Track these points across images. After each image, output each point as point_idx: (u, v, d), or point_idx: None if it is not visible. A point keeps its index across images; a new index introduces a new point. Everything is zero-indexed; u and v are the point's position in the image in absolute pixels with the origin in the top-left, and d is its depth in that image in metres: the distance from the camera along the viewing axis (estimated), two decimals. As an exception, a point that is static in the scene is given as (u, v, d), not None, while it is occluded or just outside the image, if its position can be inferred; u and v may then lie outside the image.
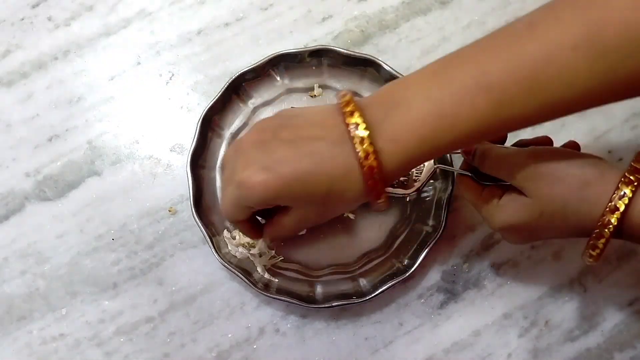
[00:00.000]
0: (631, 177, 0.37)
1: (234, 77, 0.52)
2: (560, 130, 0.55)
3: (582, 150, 0.55)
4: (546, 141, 0.46)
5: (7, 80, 0.56)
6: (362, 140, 0.35)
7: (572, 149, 0.43)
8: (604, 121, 0.56)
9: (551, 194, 0.38)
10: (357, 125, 0.35)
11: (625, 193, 0.36)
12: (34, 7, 0.58)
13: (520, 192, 0.40)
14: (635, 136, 0.56)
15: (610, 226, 0.36)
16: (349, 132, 0.35)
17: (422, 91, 0.35)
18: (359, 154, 0.35)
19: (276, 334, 0.51)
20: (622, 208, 0.36)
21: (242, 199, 0.37)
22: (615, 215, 0.36)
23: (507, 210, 0.41)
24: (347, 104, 0.36)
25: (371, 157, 0.35)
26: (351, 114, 0.36)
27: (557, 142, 0.55)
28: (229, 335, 0.51)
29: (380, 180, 0.36)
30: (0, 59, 0.57)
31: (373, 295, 0.48)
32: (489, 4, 0.59)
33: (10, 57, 0.57)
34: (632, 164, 0.38)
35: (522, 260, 0.52)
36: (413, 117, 0.35)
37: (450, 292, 0.52)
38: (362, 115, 0.35)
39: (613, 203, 0.37)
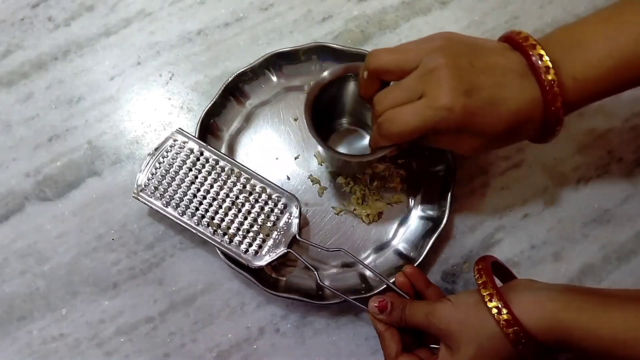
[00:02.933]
0: (486, 291, 0.40)
1: (229, 79, 0.53)
2: (561, 130, 0.55)
3: (583, 149, 0.55)
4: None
5: (7, 80, 0.56)
6: (547, 69, 0.38)
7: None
8: (604, 121, 0.56)
9: (464, 332, 0.40)
10: (541, 56, 0.38)
11: (495, 303, 0.39)
12: (34, 7, 0.58)
13: (446, 348, 0.41)
14: (635, 136, 0.56)
15: None
16: (533, 63, 0.38)
17: (598, 33, 0.39)
18: (545, 83, 0.38)
19: (276, 334, 0.51)
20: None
21: (435, 121, 0.38)
22: (503, 316, 0.38)
23: None
24: (527, 38, 0.39)
25: (555, 86, 0.38)
26: (533, 47, 0.38)
27: (558, 140, 0.55)
28: (229, 335, 0.51)
29: (561, 108, 0.38)
30: (0, 59, 0.57)
31: (381, 288, 0.48)
32: (489, 4, 0.59)
33: (10, 57, 0.57)
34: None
35: (522, 260, 0.52)
36: (591, 57, 0.38)
37: (451, 292, 0.52)
38: (544, 48, 0.38)
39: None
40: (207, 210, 0.49)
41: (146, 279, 0.52)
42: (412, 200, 0.53)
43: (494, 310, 0.38)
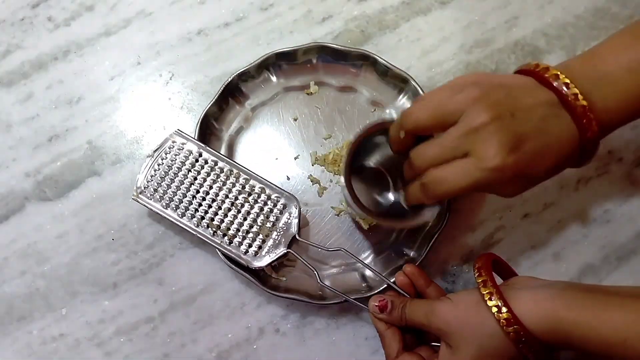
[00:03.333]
0: (486, 290, 0.40)
1: (229, 80, 0.53)
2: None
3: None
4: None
5: (7, 80, 0.56)
6: (575, 96, 0.38)
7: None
8: (604, 121, 0.56)
9: (464, 332, 0.40)
10: (576, 95, 0.38)
11: (495, 302, 0.39)
12: (34, 7, 0.58)
13: (446, 347, 0.41)
14: (635, 136, 0.56)
15: None
16: (567, 102, 0.38)
17: (621, 63, 0.39)
18: (577, 110, 0.38)
19: (276, 334, 0.51)
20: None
21: (486, 181, 0.38)
22: (503, 315, 0.38)
23: None
24: (547, 69, 0.39)
25: (587, 111, 0.38)
26: (556, 77, 0.39)
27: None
28: (229, 335, 0.51)
29: (597, 131, 0.39)
30: (0, 59, 0.57)
31: (381, 288, 0.48)
32: (489, 4, 0.59)
33: (10, 57, 0.57)
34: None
35: (522, 260, 0.52)
36: (618, 88, 0.39)
37: (450, 291, 0.51)
38: (568, 78, 0.39)
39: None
40: (206, 212, 0.49)
41: (146, 279, 0.52)
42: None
43: (494, 309, 0.38)
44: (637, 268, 0.52)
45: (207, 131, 0.53)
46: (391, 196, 0.50)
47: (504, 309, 0.38)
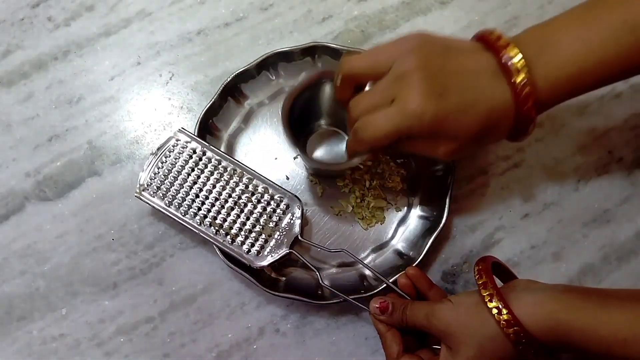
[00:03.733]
0: (486, 292, 0.40)
1: (228, 80, 0.53)
2: (561, 130, 0.55)
3: (583, 149, 0.55)
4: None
5: (7, 80, 0.56)
6: (518, 70, 0.38)
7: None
8: (604, 121, 0.56)
9: (463, 334, 0.40)
10: (512, 57, 0.38)
11: (495, 304, 0.39)
12: (34, 7, 0.58)
13: (446, 348, 0.41)
14: (635, 136, 0.56)
15: None
16: (504, 64, 0.38)
17: (571, 32, 0.39)
18: (516, 83, 0.37)
19: (276, 334, 0.51)
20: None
21: (407, 126, 0.38)
22: (503, 317, 0.38)
23: None
24: (499, 38, 0.39)
25: (527, 86, 0.37)
26: (505, 46, 0.38)
27: (558, 140, 0.56)
28: (229, 335, 0.51)
29: (533, 108, 0.38)
30: (0, 59, 0.57)
31: (381, 288, 0.48)
32: (489, 4, 0.59)
33: (10, 57, 0.57)
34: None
35: (522, 260, 0.52)
36: (563, 56, 0.38)
37: (451, 292, 0.52)
38: (518, 49, 0.38)
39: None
40: (209, 211, 0.49)
41: (146, 279, 0.52)
42: (412, 200, 0.53)
43: (494, 311, 0.38)
44: (637, 268, 0.52)
45: (207, 131, 0.53)
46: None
47: (504, 311, 0.38)
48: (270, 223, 0.49)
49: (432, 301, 0.45)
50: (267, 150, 0.54)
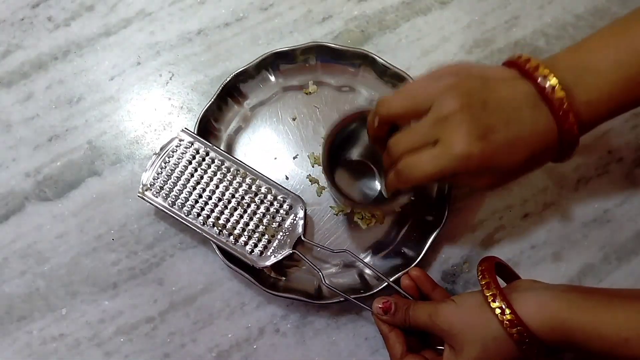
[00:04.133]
0: (489, 292, 0.40)
1: (227, 80, 0.53)
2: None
3: (583, 149, 0.55)
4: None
5: (7, 80, 0.56)
6: (554, 91, 0.37)
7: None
8: (604, 121, 0.56)
9: (467, 334, 0.40)
10: (546, 78, 0.37)
11: (498, 303, 0.39)
12: (34, 7, 0.58)
13: (450, 348, 0.42)
14: (635, 136, 0.56)
15: None
16: (544, 92, 0.37)
17: (608, 54, 0.39)
18: (555, 104, 0.37)
19: (276, 334, 0.51)
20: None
21: (453, 168, 0.37)
22: (506, 317, 0.38)
23: None
24: (528, 61, 0.39)
25: (570, 113, 0.37)
26: (536, 68, 0.38)
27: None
28: (229, 335, 0.51)
29: (576, 124, 0.38)
30: (0, 59, 0.57)
31: (381, 287, 0.48)
32: (489, 4, 0.59)
33: (10, 57, 0.57)
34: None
35: (522, 260, 0.52)
36: (603, 81, 0.38)
37: (451, 292, 0.52)
38: (556, 77, 0.38)
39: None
40: (212, 211, 0.49)
41: (146, 279, 0.52)
42: (411, 199, 0.53)
43: (497, 311, 0.38)
44: (637, 268, 0.52)
45: (206, 131, 0.53)
46: (377, 186, 0.51)
47: (507, 311, 0.38)
48: (273, 223, 0.49)
49: (435, 301, 0.45)
50: (266, 150, 0.54)
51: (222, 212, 0.49)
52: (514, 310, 0.38)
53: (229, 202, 0.50)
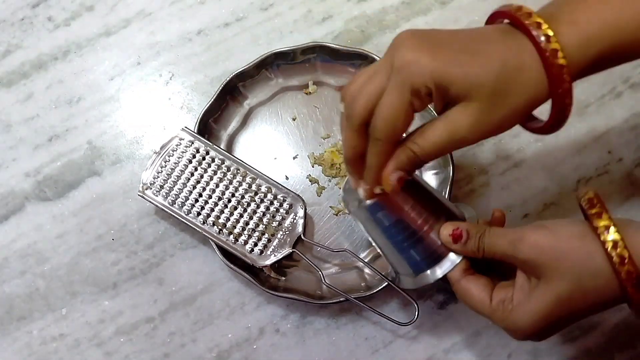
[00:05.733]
0: (602, 222, 0.35)
1: (227, 79, 0.53)
2: (561, 130, 0.55)
3: (583, 149, 0.55)
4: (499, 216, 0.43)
5: (7, 80, 0.56)
6: (560, 68, 0.33)
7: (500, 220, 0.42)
8: (604, 121, 0.56)
9: (560, 265, 0.35)
10: (556, 52, 0.33)
11: (612, 236, 0.34)
12: (34, 7, 0.58)
13: (526, 278, 0.37)
14: (635, 136, 0.56)
15: (625, 261, 0.34)
16: (545, 57, 0.33)
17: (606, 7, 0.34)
18: (537, 36, 0.33)
19: (276, 334, 0.51)
20: (619, 240, 0.34)
21: (407, 81, 0.33)
22: (618, 251, 0.33)
23: (529, 308, 0.36)
24: (535, 24, 0.33)
25: (566, 81, 0.33)
26: (548, 38, 0.33)
27: (558, 140, 0.55)
28: (229, 335, 0.51)
29: (564, 65, 0.32)
30: (0, 59, 0.57)
31: (381, 287, 0.48)
32: (489, 4, 0.59)
33: (10, 57, 0.57)
34: (588, 211, 0.36)
35: (522, 260, 0.52)
36: (596, 13, 0.34)
37: (451, 292, 0.51)
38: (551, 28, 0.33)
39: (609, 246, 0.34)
40: (212, 210, 0.49)
41: (146, 279, 0.52)
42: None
43: (609, 244, 0.33)
44: (637, 268, 0.52)
45: (206, 131, 0.53)
46: None
47: (620, 244, 0.33)
48: (273, 222, 0.49)
49: (517, 228, 0.38)
50: (266, 150, 0.54)
51: (222, 211, 0.49)
52: (627, 247, 0.33)
53: (229, 201, 0.50)
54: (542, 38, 0.33)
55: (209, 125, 0.53)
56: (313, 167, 0.54)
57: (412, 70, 0.33)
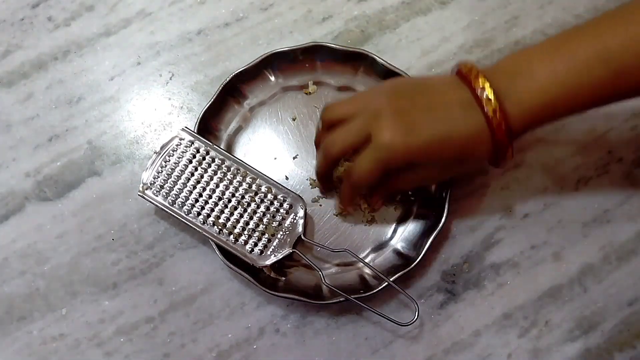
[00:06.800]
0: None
1: (227, 79, 0.53)
2: (561, 130, 0.55)
3: (583, 149, 0.55)
4: None
5: (7, 80, 0.56)
6: (489, 101, 0.40)
7: None
8: (604, 121, 0.56)
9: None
10: (484, 88, 0.40)
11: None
12: (34, 7, 0.58)
13: None
14: (635, 136, 0.56)
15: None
16: (477, 96, 0.40)
17: (545, 64, 0.40)
18: (488, 113, 0.40)
19: (276, 334, 0.51)
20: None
21: (384, 160, 0.41)
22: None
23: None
24: (470, 70, 0.41)
25: (499, 115, 0.39)
26: (476, 77, 0.40)
27: (558, 140, 0.56)
28: (229, 335, 0.51)
29: (505, 135, 0.40)
30: (0, 59, 0.57)
31: (381, 287, 0.48)
32: (489, 4, 0.59)
33: (10, 57, 0.57)
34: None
35: (522, 260, 0.52)
36: (537, 85, 0.40)
37: (450, 292, 0.52)
38: (488, 79, 0.40)
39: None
40: (212, 210, 0.49)
41: (146, 279, 0.52)
42: (411, 200, 0.53)
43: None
44: (637, 268, 0.52)
45: (206, 131, 0.53)
46: None
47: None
48: (274, 222, 0.49)
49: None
50: (266, 150, 0.54)
51: (222, 211, 0.49)
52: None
53: (229, 201, 0.50)
54: (490, 113, 0.40)
55: (209, 125, 0.53)
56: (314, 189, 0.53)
57: (391, 153, 0.41)
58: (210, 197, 0.49)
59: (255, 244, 0.49)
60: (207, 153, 0.50)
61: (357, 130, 0.43)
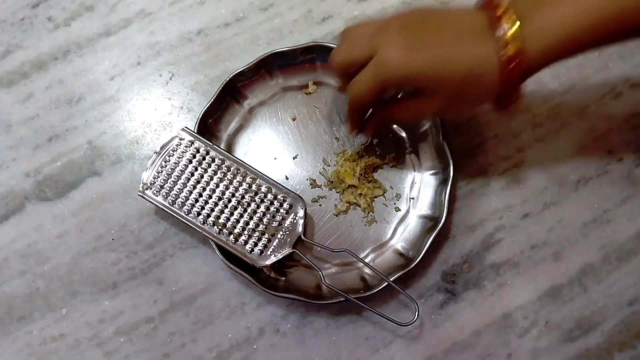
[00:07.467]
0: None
1: (227, 80, 0.53)
2: (561, 130, 0.55)
3: (583, 149, 0.55)
4: None
5: (7, 80, 0.56)
6: (505, 32, 0.37)
7: None
8: (604, 121, 0.56)
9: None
10: (510, 26, 0.37)
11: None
12: (34, 7, 0.58)
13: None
14: (636, 136, 0.56)
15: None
16: (495, 23, 0.37)
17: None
18: (500, 44, 0.37)
19: (276, 334, 0.51)
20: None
21: (381, 76, 0.40)
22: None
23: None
24: (504, 11, 0.38)
25: (511, 48, 0.37)
26: (510, 26, 0.37)
27: (558, 140, 0.56)
28: (229, 335, 0.51)
29: (517, 72, 0.38)
30: (0, 59, 0.57)
31: (381, 287, 0.48)
32: (489, 4, 0.59)
33: (10, 57, 0.57)
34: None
35: (522, 260, 0.52)
36: (561, 13, 0.37)
37: (450, 292, 0.52)
38: (514, 9, 0.37)
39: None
40: (212, 210, 0.49)
41: (146, 279, 0.52)
42: (411, 199, 0.53)
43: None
44: (637, 268, 0.52)
45: (206, 131, 0.53)
46: None
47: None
48: (274, 222, 0.49)
49: None
50: (266, 150, 0.54)
51: (222, 211, 0.49)
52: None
53: (229, 201, 0.50)
54: (505, 31, 0.37)
55: (209, 125, 0.53)
56: (326, 186, 0.53)
57: (389, 70, 0.39)
58: (210, 197, 0.49)
59: (255, 244, 0.49)
60: (207, 153, 0.50)
61: (363, 45, 0.41)
